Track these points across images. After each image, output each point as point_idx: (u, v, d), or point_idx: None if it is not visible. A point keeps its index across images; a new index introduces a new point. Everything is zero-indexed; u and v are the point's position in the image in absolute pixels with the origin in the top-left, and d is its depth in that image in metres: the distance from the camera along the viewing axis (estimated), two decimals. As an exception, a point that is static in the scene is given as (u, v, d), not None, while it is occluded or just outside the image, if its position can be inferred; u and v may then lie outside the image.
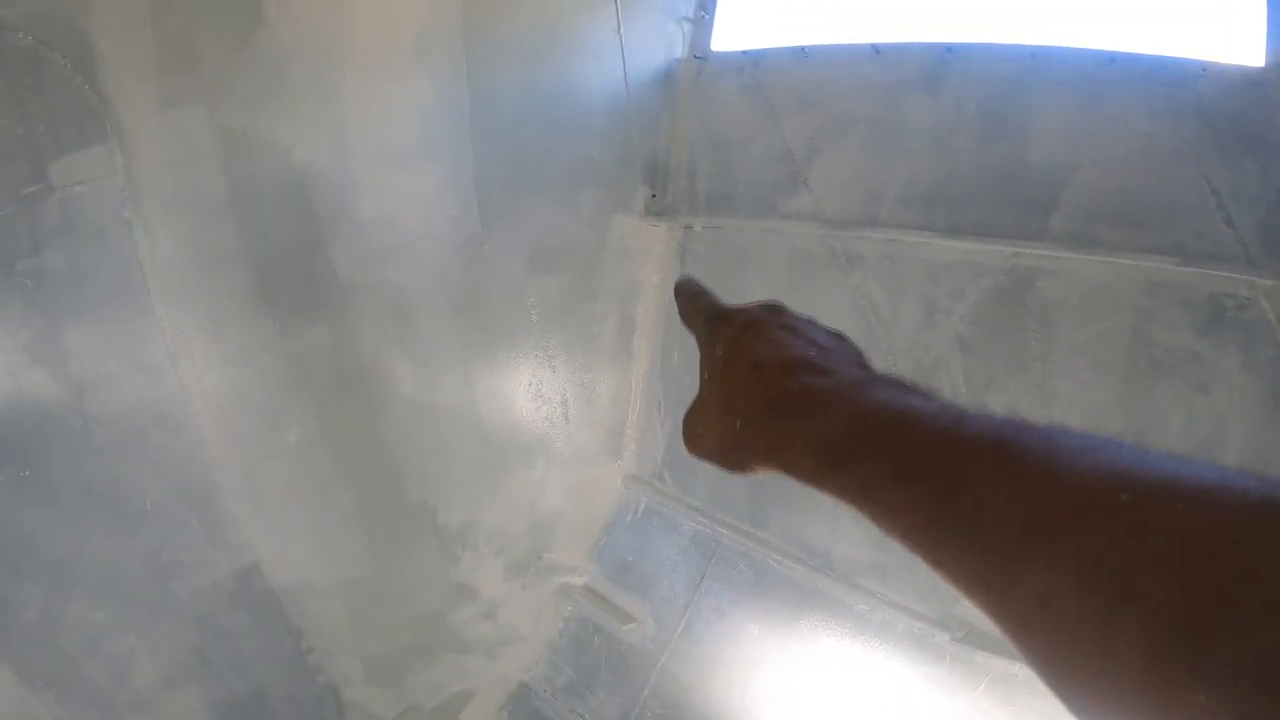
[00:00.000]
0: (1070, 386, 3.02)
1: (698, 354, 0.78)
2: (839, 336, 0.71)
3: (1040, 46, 3.00)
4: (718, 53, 3.74)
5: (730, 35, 3.74)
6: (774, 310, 0.74)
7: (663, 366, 4.03)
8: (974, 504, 0.44)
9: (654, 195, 3.91)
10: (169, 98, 2.99)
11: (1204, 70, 2.78)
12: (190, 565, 3.31)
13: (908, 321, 3.26)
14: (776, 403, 0.62)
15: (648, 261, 3.95)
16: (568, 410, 3.97)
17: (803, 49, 3.44)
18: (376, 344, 3.47)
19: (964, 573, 0.45)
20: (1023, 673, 3.03)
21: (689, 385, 4.21)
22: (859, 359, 0.67)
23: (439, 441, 3.68)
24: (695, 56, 3.78)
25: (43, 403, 2.97)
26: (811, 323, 0.72)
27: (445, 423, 3.69)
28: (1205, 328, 2.80)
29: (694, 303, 0.83)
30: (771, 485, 3.61)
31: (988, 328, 3.14)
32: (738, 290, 3.74)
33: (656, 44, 3.78)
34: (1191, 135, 2.78)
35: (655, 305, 3.99)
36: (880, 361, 3.10)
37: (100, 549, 3.14)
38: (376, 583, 3.67)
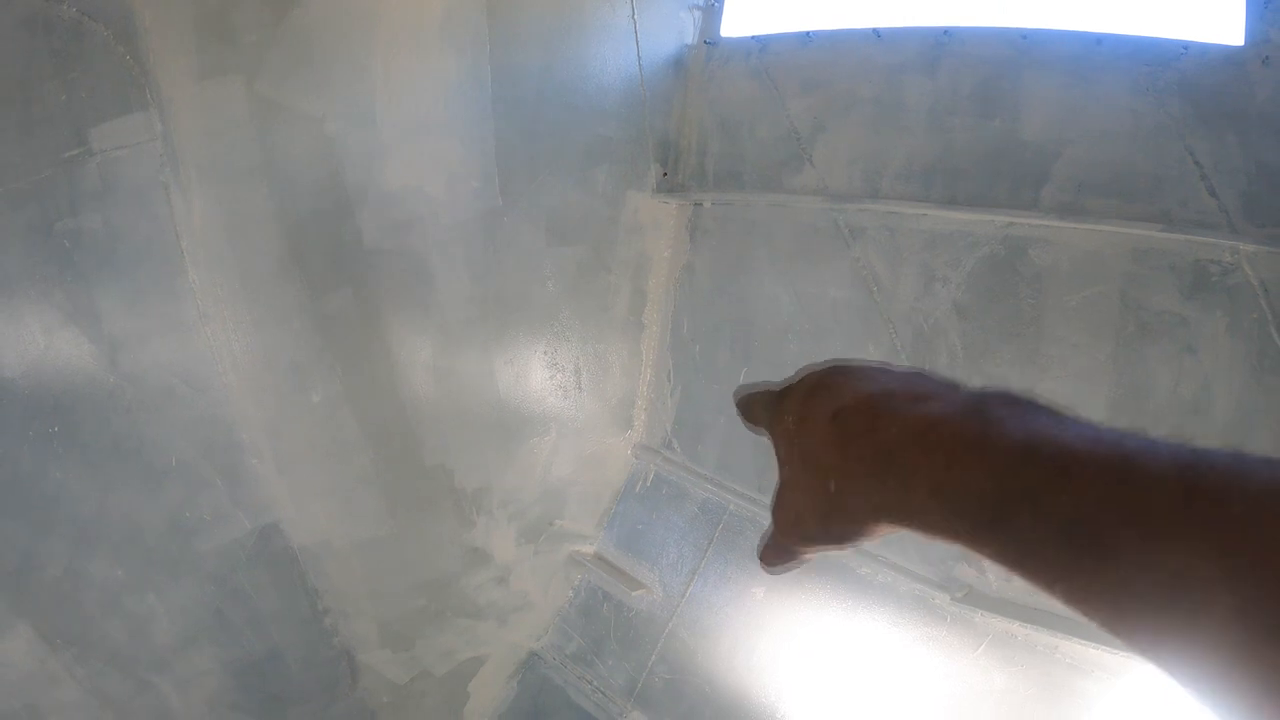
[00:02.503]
0: (1062, 350, 3.13)
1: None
2: (911, 369, 0.61)
3: (1031, 29, 3.16)
4: (727, 38, 3.93)
5: (739, 21, 3.93)
6: (834, 368, 0.63)
7: (673, 338, 4.16)
8: (1179, 568, 0.36)
9: (666, 173, 4.07)
10: (207, 69, 3.12)
11: (1186, 49, 2.91)
12: (212, 523, 3.38)
13: (907, 290, 3.40)
14: (876, 455, 0.52)
15: (659, 236, 4.11)
16: (580, 379, 4.09)
17: (807, 34, 3.63)
18: (399, 310, 3.59)
19: (1171, 651, 0.38)
20: (1021, 633, 3.12)
21: (699, 356, 4.34)
22: (950, 383, 0.56)
23: (457, 406, 3.79)
24: (706, 42, 3.97)
25: (75, 360, 3.06)
26: (884, 368, 0.62)
27: (463, 388, 3.80)
28: (1191, 292, 2.91)
29: (752, 398, 0.71)
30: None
31: (983, 295, 3.26)
32: (747, 261, 3.88)
33: (669, 30, 3.97)
34: (1175, 111, 2.91)
35: (666, 278, 4.13)
36: (882, 330, 3.22)
37: (124, 506, 3.21)
38: (393, 544, 3.75)
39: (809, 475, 0.59)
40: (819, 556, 0.65)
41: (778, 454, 0.64)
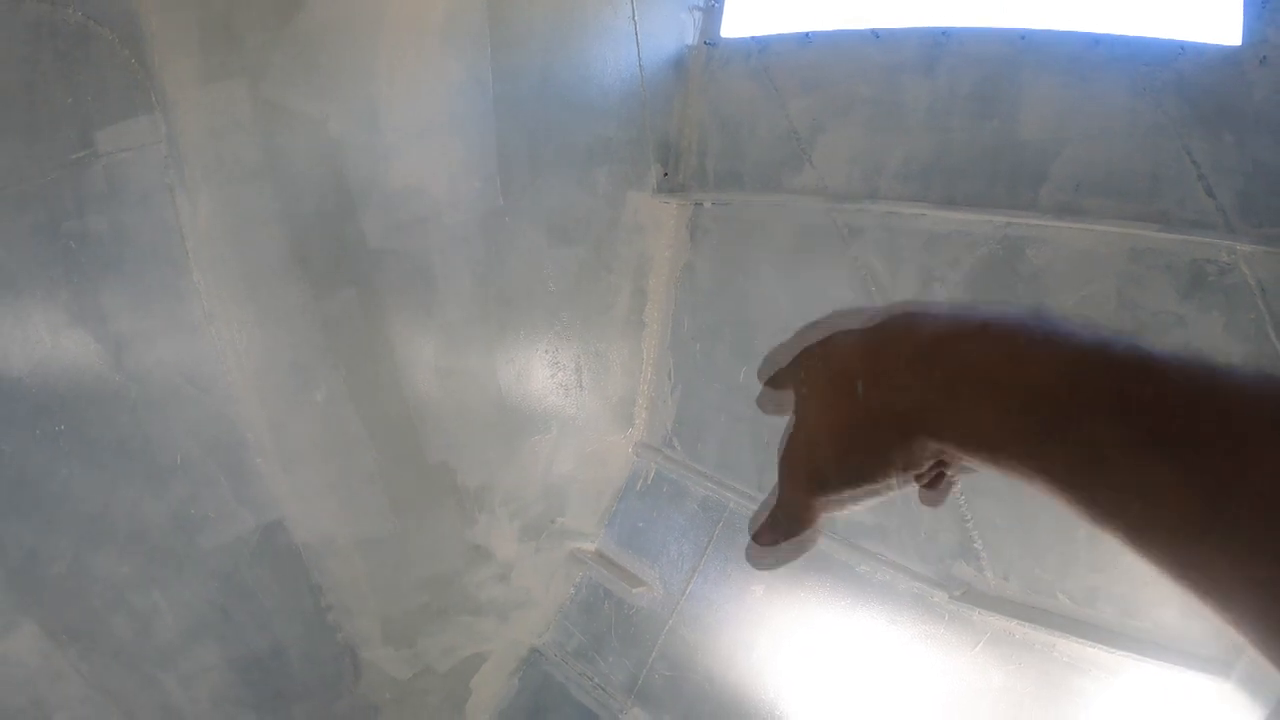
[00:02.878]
0: (1061, 350, 3.14)
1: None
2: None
3: (1029, 29, 3.16)
4: (727, 39, 3.95)
5: (739, 22, 3.95)
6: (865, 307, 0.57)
7: (674, 337, 4.18)
8: (1266, 493, 0.33)
9: (666, 173, 4.09)
10: (212, 72, 3.15)
11: (1183, 50, 2.91)
12: (216, 520, 3.42)
13: (906, 289, 3.41)
14: (916, 351, 0.45)
15: (660, 236, 4.13)
16: (581, 378, 4.12)
17: (807, 35, 3.64)
18: (402, 309, 3.62)
19: (1256, 581, 0.34)
20: (1019, 630, 3.13)
21: (699, 355, 4.36)
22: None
23: (459, 405, 3.82)
24: (706, 43, 3.99)
25: (81, 360, 3.09)
26: None
27: (465, 387, 3.83)
28: (1188, 292, 2.91)
29: (778, 350, 0.63)
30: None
31: (981, 294, 3.26)
32: (747, 261, 3.90)
33: (669, 31, 3.99)
34: (1173, 110, 2.91)
35: (667, 277, 4.15)
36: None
37: (129, 503, 3.24)
38: (395, 542, 3.78)
39: (831, 395, 0.51)
40: (827, 520, 0.56)
41: (796, 395, 0.56)
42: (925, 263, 3.36)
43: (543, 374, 4.02)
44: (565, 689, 4.10)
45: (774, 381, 0.62)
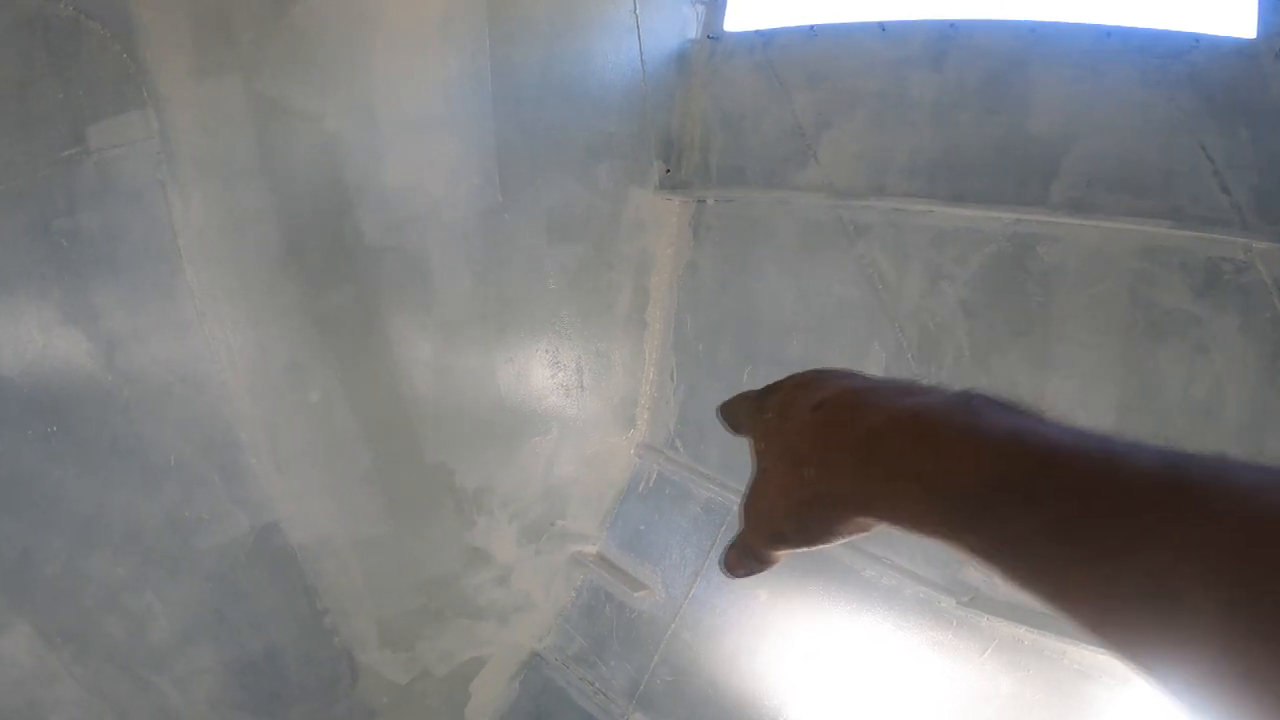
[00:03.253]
0: (1071, 349, 3.09)
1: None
2: (905, 380, 0.58)
3: (1039, 22, 3.11)
4: (730, 33, 3.89)
5: (742, 15, 3.88)
6: (821, 370, 0.63)
7: (676, 336, 4.12)
8: (1163, 566, 0.36)
9: (668, 170, 4.03)
10: (205, 67, 3.11)
11: (1197, 42, 2.86)
12: (211, 522, 3.37)
13: (913, 288, 3.35)
14: (858, 441, 0.50)
15: (662, 233, 4.07)
16: (582, 378, 4.06)
17: (812, 28, 3.58)
18: (399, 308, 3.57)
19: (1153, 651, 0.37)
20: (1028, 637, 3.07)
21: (702, 355, 4.31)
22: (935, 387, 0.54)
23: (457, 405, 3.77)
24: (709, 36, 3.92)
25: (72, 359, 3.05)
26: (866, 374, 0.61)
27: (463, 386, 3.78)
28: (1203, 290, 2.86)
29: (735, 400, 0.70)
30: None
31: (991, 293, 3.21)
32: (750, 259, 3.84)
33: (672, 24, 3.93)
34: (1186, 104, 2.86)
35: (669, 276, 4.09)
36: (888, 328, 3.18)
37: (123, 504, 3.21)
38: (393, 544, 3.73)
39: (785, 467, 0.57)
40: (787, 557, 0.62)
41: (755, 452, 0.62)
42: (933, 260, 3.30)
43: (543, 374, 3.97)
44: (566, 694, 4.05)
45: (734, 428, 0.71)
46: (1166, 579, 0.36)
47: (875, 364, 3.43)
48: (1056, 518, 0.40)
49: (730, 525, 3.84)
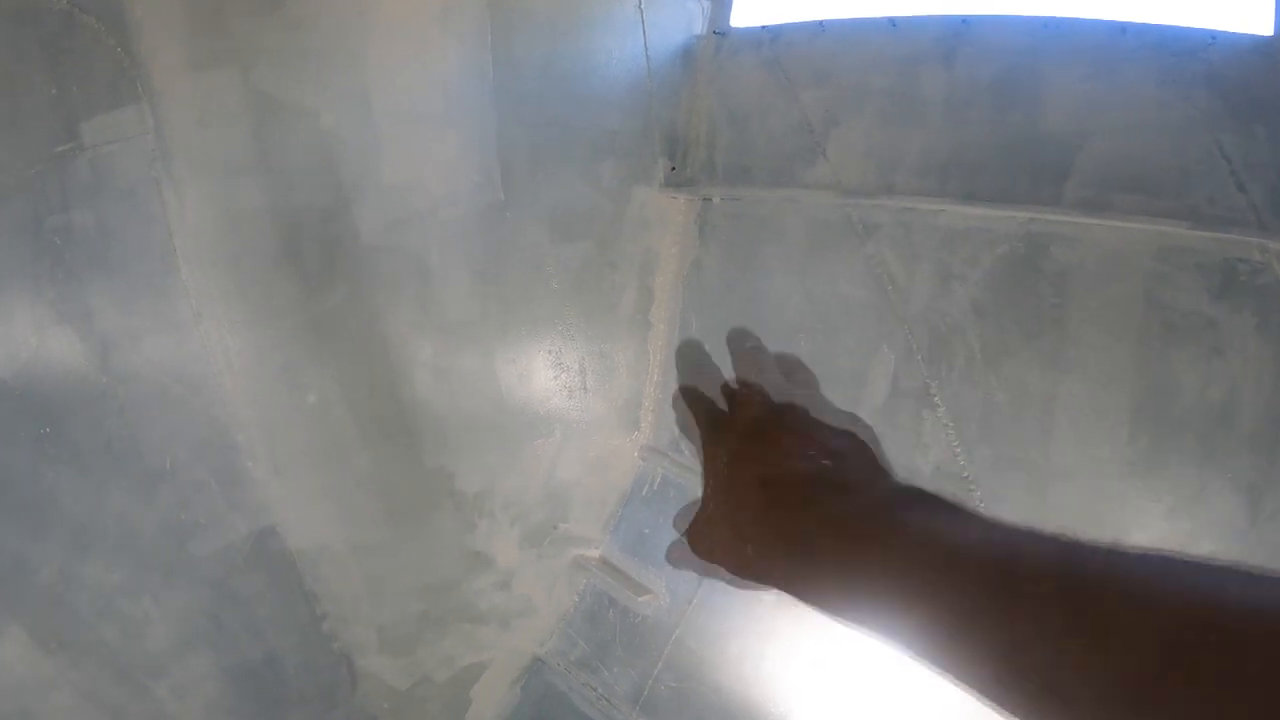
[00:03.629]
0: (1084, 352, 3.04)
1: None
2: (849, 435, 0.64)
3: (1052, 18, 3.05)
4: (737, 28, 3.82)
5: (749, 11, 3.83)
6: (777, 411, 0.68)
7: (681, 337, 4.06)
8: (1048, 660, 0.39)
9: (674, 167, 3.97)
10: (200, 61, 3.05)
11: (1214, 39, 2.81)
12: (207, 526, 3.32)
13: (923, 288, 3.30)
14: (795, 537, 0.56)
15: (667, 233, 4.00)
16: (585, 380, 4.00)
17: (820, 23, 3.52)
18: (398, 308, 3.51)
19: None
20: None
21: (708, 353, 4.24)
22: (874, 461, 0.62)
23: (457, 407, 3.71)
24: (715, 32, 3.85)
25: (66, 360, 3.00)
26: (820, 423, 0.66)
27: (464, 388, 3.72)
28: (1219, 292, 2.82)
29: (691, 402, 0.78)
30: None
31: (1003, 294, 3.16)
32: (757, 258, 3.78)
33: (677, 20, 3.86)
34: (1203, 103, 2.81)
35: (674, 276, 4.03)
36: (897, 330, 3.12)
37: (118, 508, 3.15)
38: (392, 548, 3.67)
39: (731, 531, 0.62)
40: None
41: (705, 482, 0.67)
42: (944, 261, 3.24)
43: (545, 375, 3.90)
44: (568, 699, 4.00)
45: (681, 428, 0.79)
46: (1053, 672, 0.39)
47: (884, 366, 3.37)
48: (954, 613, 0.43)
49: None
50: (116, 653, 3.23)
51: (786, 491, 0.59)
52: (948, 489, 2.67)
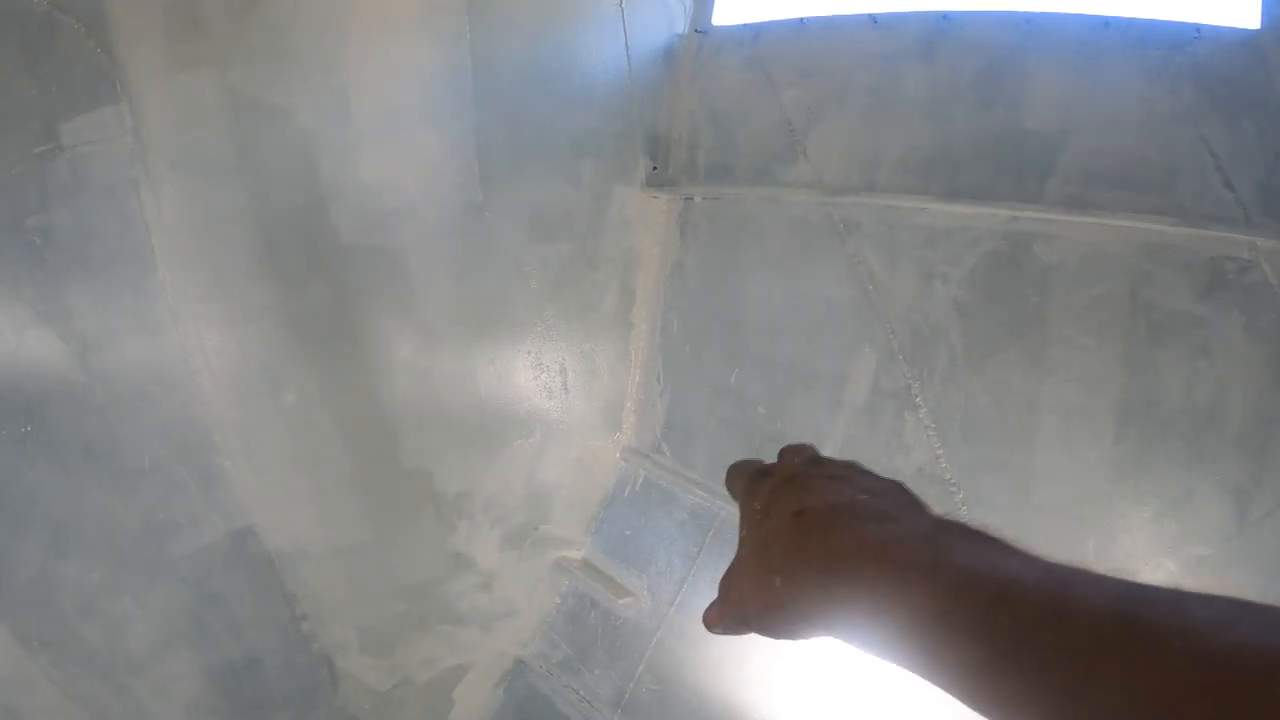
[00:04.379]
0: (1069, 352, 2.99)
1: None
2: (895, 483, 0.62)
3: (1035, 13, 3.01)
4: (719, 26, 3.80)
5: (731, 9, 3.80)
6: (818, 461, 0.66)
7: (662, 338, 4.03)
8: (1106, 704, 0.37)
9: (655, 167, 3.95)
10: (178, 61, 3.06)
11: (1199, 33, 2.77)
12: (187, 526, 3.32)
13: (905, 288, 3.25)
14: (827, 561, 0.53)
15: (648, 232, 3.98)
16: (566, 380, 3.98)
17: (801, 21, 3.49)
18: (376, 307, 3.50)
19: None
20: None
21: (689, 356, 4.23)
22: (915, 500, 0.59)
23: (436, 407, 3.70)
24: (697, 30, 3.83)
25: (45, 359, 3.02)
26: (862, 469, 0.64)
27: (443, 388, 3.70)
28: (1206, 291, 2.77)
29: (737, 468, 0.74)
30: (771, 456, 3.59)
31: (985, 293, 3.12)
32: (738, 258, 3.76)
33: (658, 18, 3.84)
34: (1188, 98, 2.77)
35: (655, 276, 4.00)
36: (879, 330, 3.08)
37: (98, 507, 3.16)
38: (372, 549, 3.67)
39: (757, 565, 0.59)
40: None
41: (740, 532, 0.65)
42: (926, 259, 3.20)
43: (525, 375, 3.88)
44: (550, 701, 3.97)
45: (731, 495, 0.74)
46: (1110, 717, 0.36)
47: (866, 366, 3.33)
48: (1004, 650, 0.41)
49: (716, 530, 3.75)
50: (98, 652, 3.24)
51: (820, 518, 0.56)
52: (929, 491, 2.62)
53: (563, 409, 3.98)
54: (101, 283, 3.08)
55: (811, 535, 0.55)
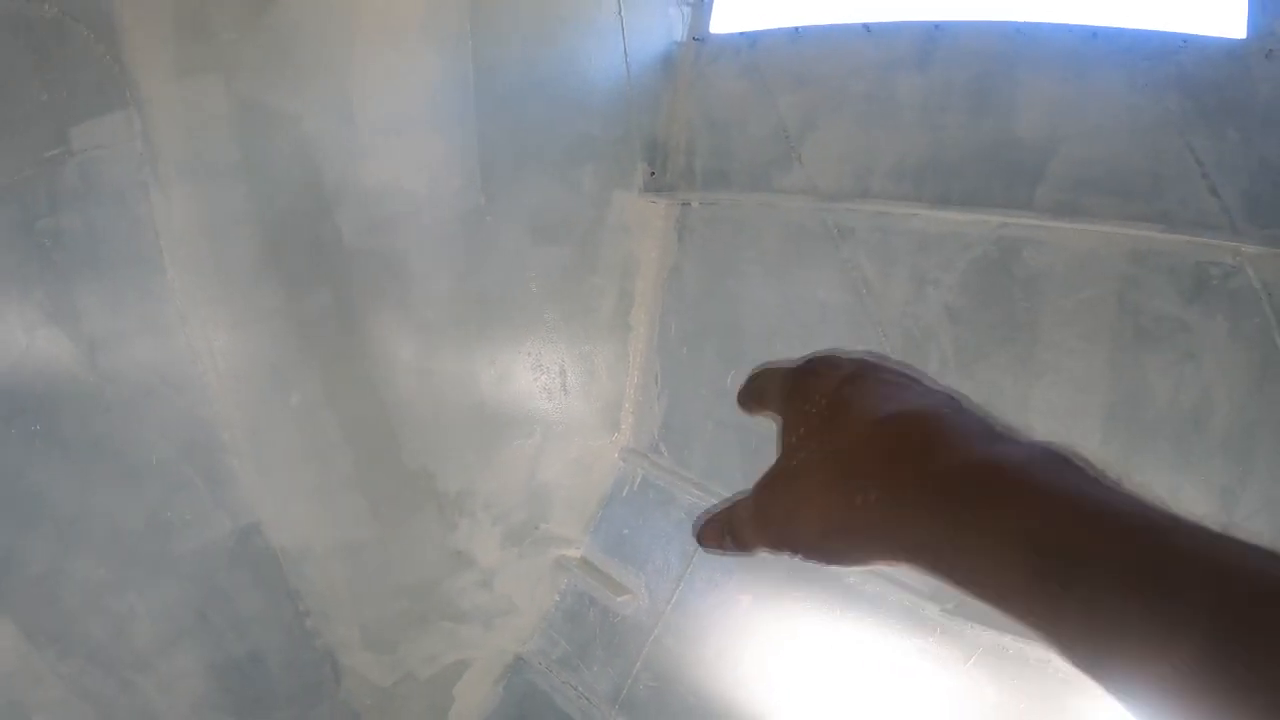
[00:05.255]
0: (1058, 355, 3.04)
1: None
2: (958, 393, 0.52)
3: (1025, 23, 3.07)
4: (716, 35, 3.86)
5: (729, 18, 3.86)
6: (879, 358, 0.56)
7: (660, 340, 4.09)
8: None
9: (653, 172, 4.01)
10: (186, 68, 3.11)
11: (1186, 43, 2.81)
12: (192, 523, 3.37)
13: (897, 293, 3.31)
14: (933, 483, 0.44)
15: (646, 237, 4.04)
16: (566, 381, 4.04)
17: (797, 29, 3.55)
18: (379, 310, 3.56)
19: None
20: (1013, 645, 3.02)
21: (686, 359, 4.27)
22: (989, 418, 0.49)
23: (438, 408, 3.75)
24: (694, 38, 3.90)
25: (55, 359, 3.06)
26: (921, 376, 0.54)
27: (445, 389, 3.76)
28: (1192, 295, 2.81)
29: (766, 372, 0.63)
30: (769, 456, 3.64)
31: (976, 298, 3.18)
32: (735, 263, 3.80)
33: (657, 26, 3.91)
34: (1174, 106, 2.82)
35: (653, 279, 4.07)
36: (872, 333, 3.12)
37: (105, 505, 3.21)
38: (375, 547, 3.72)
39: (830, 477, 0.49)
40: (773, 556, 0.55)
41: (787, 438, 0.54)
42: (918, 264, 3.26)
43: (526, 377, 3.94)
44: (549, 698, 4.03)
45: (757, 400, 0.63)
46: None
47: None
48: (1154, 583, 0.36)
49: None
50: (104, 647, 3.29)
51: (916, 429, 0.47)
52: None
53: (562, 410, 4.04)
54: (110, 284, 3.12)
55: (908, 448, 0.46)
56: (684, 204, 3.95)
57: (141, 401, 3.23)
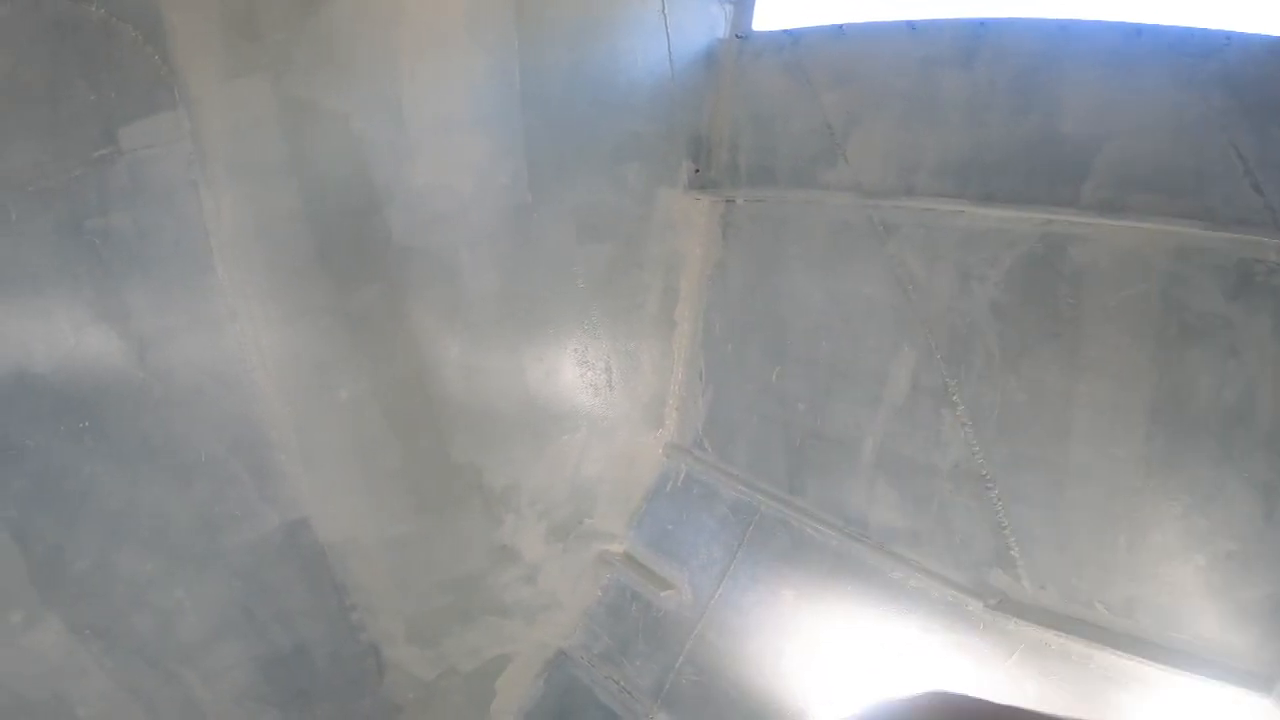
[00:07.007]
0: (1102, 352, 3.05)
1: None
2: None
3: (1070, 20, 3.07)
4: (759, 32, 3.88)
5: (771, 15, 3.88)
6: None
7: (705, 336, 4.11)
8: None
9: (697, 169, 4.02)
10: (235, 68, 3.12)
11: (1229, 40, 2.81)
12: (240, 519, 3.40)
13: (943, 289, 3.33)
14: None
15: (691, 233, 4.07)
16: (611, 377, 4.07)
17: (840, 27, 3.57)
18: (427, 306, 3.58)
19: None
20: (1055, 641, 3.04)
21: (731, 355, 4.30)
22: None
23: (485, 403, 3.78)
24: (737, 36, 3.91)
25: (104, 357, 3.07)
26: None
27: (491, 385, 3.79)
28: (1235, 292, 2.80)
29: None
30: (811, 452, 3.67)
31: (1021, 294, 3.18)
32: (779, 259, 3.80)
33: (700, 24, 3.92)
34: (1218, 103, 2.81)
35: (698, 276, 4.09)
36: (917, 329, 3.11)
37: (153, 501, 3.23)
38: (420, 542, 3.74)
39: None
40: None
41: None
42: (963, 261, 3.28)
43: (572, 373, 3.97)
44: (591, 692, 4.06)
45: None
46: None
47: (904, 365, 3.41)
48: None
49: (757, 524, 3.83)
50: (149, 641, 3.32)
51: None
52: (966, 486, 2.67)
53: (607, 405, 4.07)
54: (159, 283, 3.14)
55: None
56: (728, 201, 3.97)
57: (190, 398, 3.24)
